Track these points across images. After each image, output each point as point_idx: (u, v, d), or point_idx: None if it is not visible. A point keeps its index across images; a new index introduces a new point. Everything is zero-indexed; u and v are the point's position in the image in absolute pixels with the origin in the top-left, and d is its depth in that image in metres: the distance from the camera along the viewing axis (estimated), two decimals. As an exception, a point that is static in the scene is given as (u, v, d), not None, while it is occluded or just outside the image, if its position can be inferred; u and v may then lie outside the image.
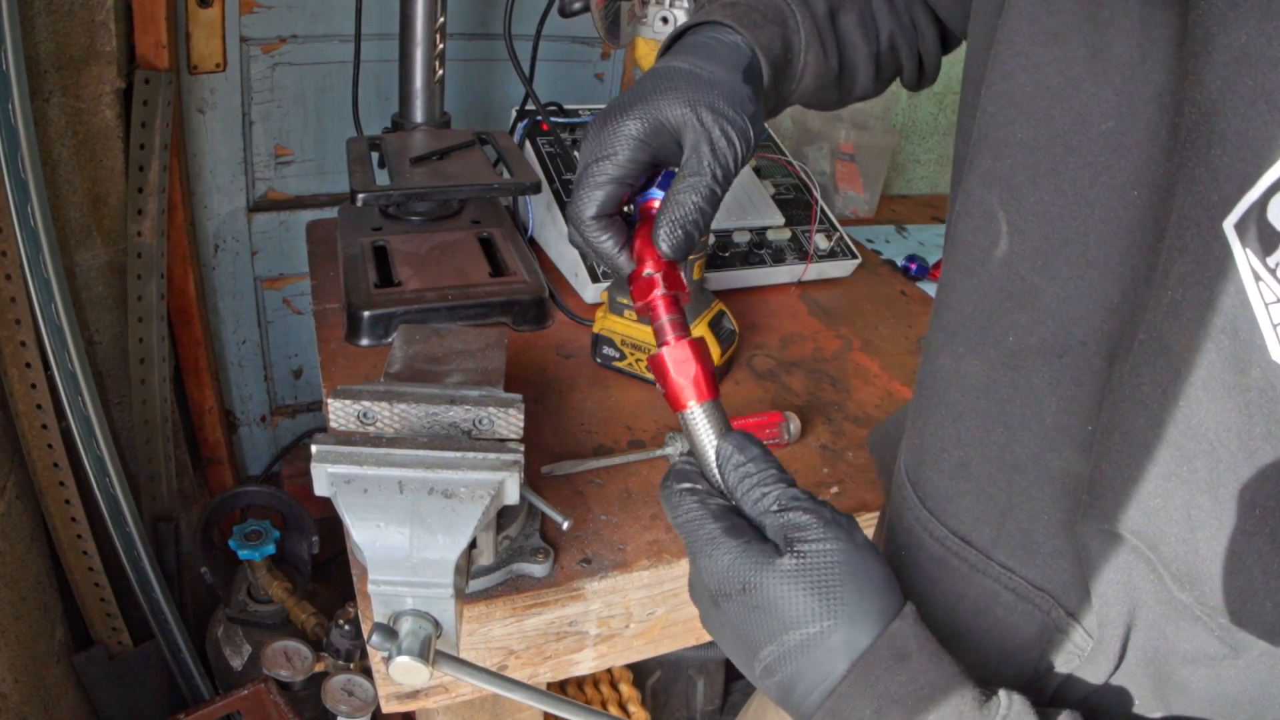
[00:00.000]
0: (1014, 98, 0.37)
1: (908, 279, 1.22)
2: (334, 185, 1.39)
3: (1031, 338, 0.38)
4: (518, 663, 0.62)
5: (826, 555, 0.37)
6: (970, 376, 0.41)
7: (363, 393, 0.53)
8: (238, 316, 1.41)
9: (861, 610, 0.36)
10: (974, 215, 0.40)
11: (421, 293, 0.89)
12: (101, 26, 1.02)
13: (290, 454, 1.55)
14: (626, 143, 0.43)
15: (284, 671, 1.08)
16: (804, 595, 0.36)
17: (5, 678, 0.92)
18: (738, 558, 0.38)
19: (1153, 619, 0.36)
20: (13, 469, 1.02)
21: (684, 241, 0.43)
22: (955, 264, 0.42)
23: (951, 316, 0.42)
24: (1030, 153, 0.36)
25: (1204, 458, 0.31)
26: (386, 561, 0.44)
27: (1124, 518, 0.34)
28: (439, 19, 0.95)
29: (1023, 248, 0.37)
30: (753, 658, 0.39)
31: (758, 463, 0.41)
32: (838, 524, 0.38)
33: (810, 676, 0.37)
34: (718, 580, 0.39)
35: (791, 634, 0.37)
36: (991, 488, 0.41)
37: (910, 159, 1.68)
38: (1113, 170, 0.34)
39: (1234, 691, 0.35)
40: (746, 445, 0.42)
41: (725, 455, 0.42)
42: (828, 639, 0.36)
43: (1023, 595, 0.41)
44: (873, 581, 0.37)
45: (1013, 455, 0.40)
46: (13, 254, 0.94)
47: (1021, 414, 0.39)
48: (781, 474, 0.41)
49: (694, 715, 1.39)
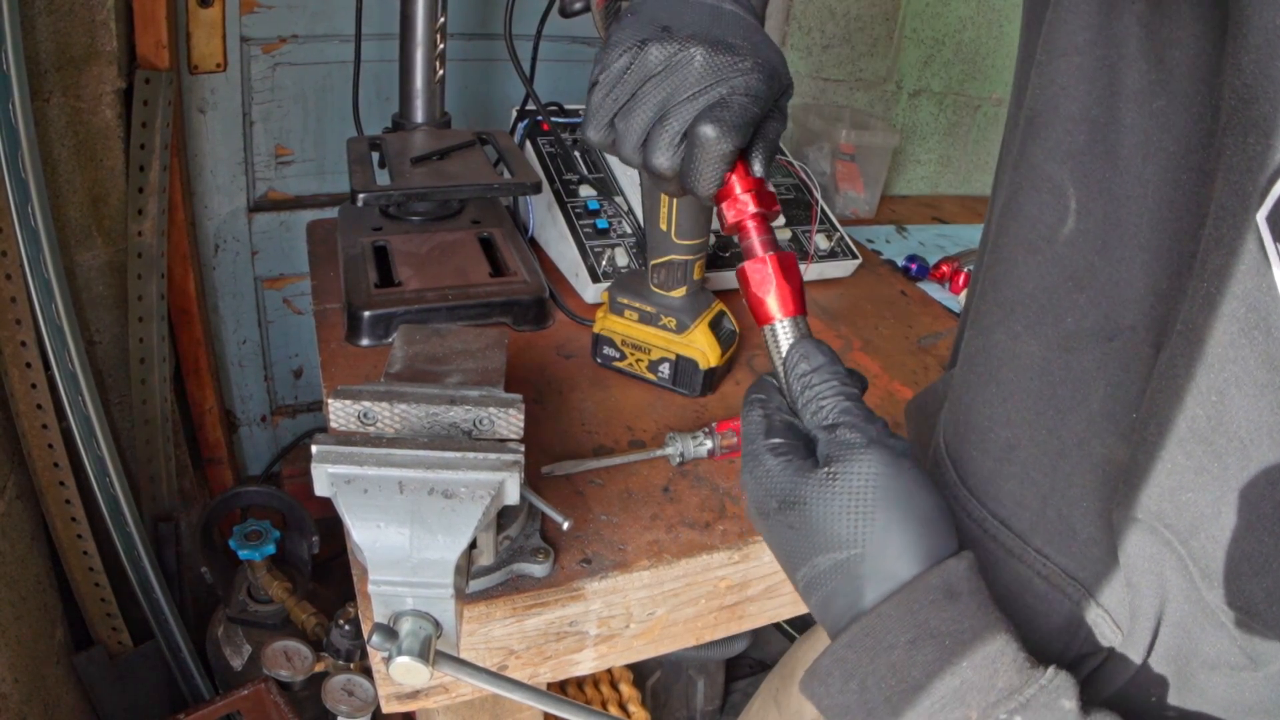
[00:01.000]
0: (1082, 70, 0.36)
1: (908, 279, 1.22)
2: (334, 185, 1.39)
3: (1087, 320, 0.37)
4: (518, 663, 0.62)
5: (862, 478, 0.35)
6: (1025, 356, 0.40)
7: (363, 393, 0.53)
8: (238, 316, 1.41)
9: (897, 539, 0.35)
10: (1041, 190, 0.38)
11: (421, 293, 0.89)
12: (102, 26, 1.02)
13: (290, 454, 1.55)
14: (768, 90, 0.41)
15: (284, 671, 1.08)
16: (835, 518, 0.35)
17: (5, 678, 0.92)
18: (776, 474, 0.38)
19: (1179, 617, 0.36)
20: (13, 469, 1.02)
21: (772, 158, 0.44)
22: (1018, 239, 0.40)
23: (1011, 293, 0.41)
24: (1098, 128, 0.36)
25: (1235, 455, 0.30)
26: (386, 561, 0.44)
27: (1157, 509, 0.34)
28: (439, 19, 0.95)
29: (1087, 226, 0.36)
30: (793, 575, 0.38)
31: (821, 372, 0.40)
32: (883, 445, 0.36)
33: (840, 602, 0.36)
34: (759, 496, 0.38)
35: (821, 557, 0.36)
36: (1035, 471, 0.40)
37: (910, 159, 1.68)
38: (1164, 151, 0.33)
39: (1251, 702, 0.35)
40: (812, 353, 0.41)
41: (791, 364, 0.41)
42: (858, 565, 0.35)
43: (1055, 583, 0.41)
44: (916, 511, 0.35)
45: (1059, 439, 0.39)
46: (13, 254, 0.94)
47: (1071, 397, 0.38)
48: (843, 385, 0.39)
49: (694, 715, 1.39)
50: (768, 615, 0.72)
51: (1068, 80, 0.37)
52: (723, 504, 0.70)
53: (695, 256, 0.80)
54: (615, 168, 1.08)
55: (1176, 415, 0.32)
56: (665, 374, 0.83)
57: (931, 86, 1.61)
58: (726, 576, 0.67)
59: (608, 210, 1.03)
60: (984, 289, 0.44)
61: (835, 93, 1.55)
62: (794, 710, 0.80)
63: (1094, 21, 0.35)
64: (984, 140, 1.71)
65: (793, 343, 0.42)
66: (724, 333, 0.84)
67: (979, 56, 1.61)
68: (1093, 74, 0.35)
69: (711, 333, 0.82)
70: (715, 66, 0.39)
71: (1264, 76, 0.27)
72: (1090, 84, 0.36)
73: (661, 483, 0.71)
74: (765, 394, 0.42)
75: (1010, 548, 0.43)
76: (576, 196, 1.03)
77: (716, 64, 0.39)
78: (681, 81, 0.40)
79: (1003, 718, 0.32)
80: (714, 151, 0.40)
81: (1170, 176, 0.33)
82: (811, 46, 1.47)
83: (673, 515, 0.68)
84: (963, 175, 1.74)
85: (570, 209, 1.01)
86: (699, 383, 0.82)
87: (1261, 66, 0.27)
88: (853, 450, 0.36)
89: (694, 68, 0.39)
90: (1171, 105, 0.33)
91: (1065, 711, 0.32)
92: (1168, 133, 0.33)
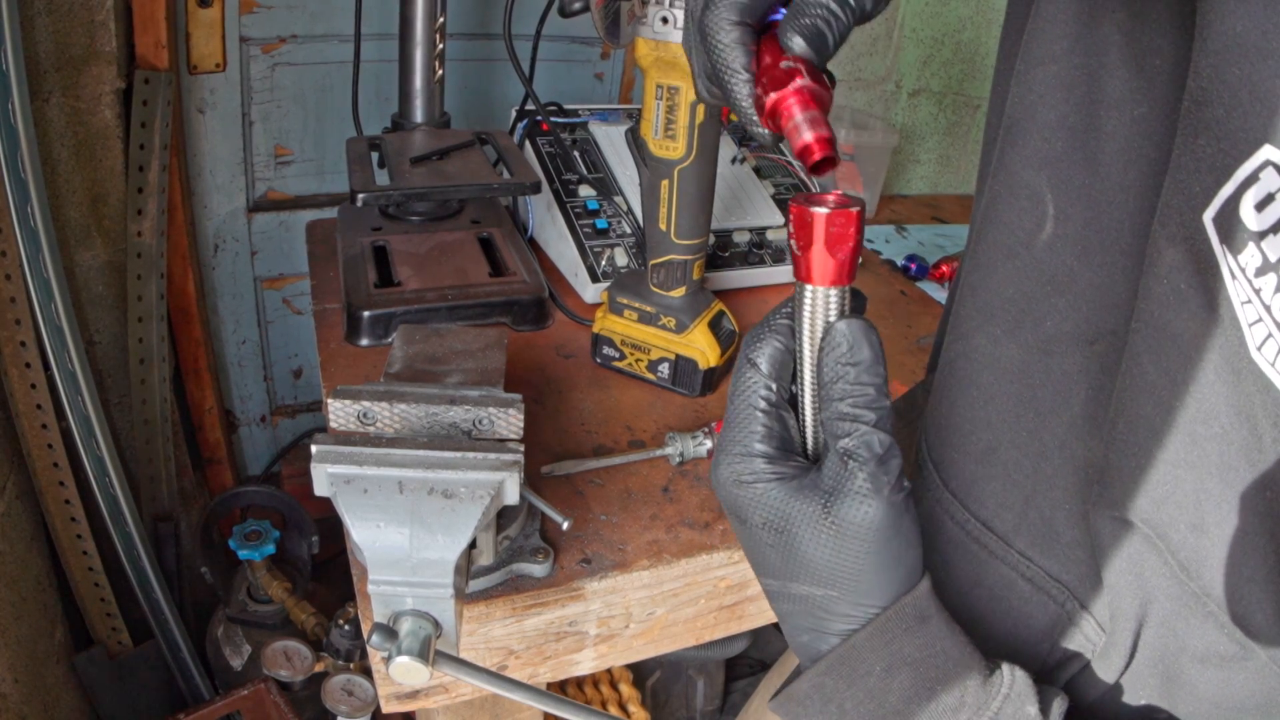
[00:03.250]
0: (1061, 78, 0.36)
1: (907, 279, 1.22)
2: (334, 185, 1.39)
3: (1067, 324, 0.37)
4: (518, 663, 0.62)
5: (860, 531, 0.34)
6: (1004, 360, 0.41)
7: (363, 393, 0.53)
8: (238, 316, 1.41)
9: (875, 581, 0.35)
10: (1019, 197, 0.39)
11: (421, 293, 0.89)
12: (101, 26, 1.02)
13: (290, 454, 1.55)
14: None
15: (284, 671, 1.08)
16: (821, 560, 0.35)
17: (5, 678, 0.92)
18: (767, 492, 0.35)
19: (1164, 615, 0.36)
20: (13, 469, 1.02)
21: (821, 40, 0.33)
22: (996, 245, 0.40)
23: (990, 298, 0.41)
24: (1077, 135, 0.36)
25: (1215, 442, 0.30)
26: (386, 561, 0.44)
27: (1134, 505, 0.34)
28: (439, 19, 0.95)
29: (1066, 231, 0.37)
30: (760, 578, 0.39)
31: (863, 369, 0.34)
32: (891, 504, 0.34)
33: (807, 624, 0.37)
34: (742, 503, 0.36)
35: (796, 585, 0.36)
36: (1018, 474, 0.41)
37: (910, 159, 1.68)
38: (1145, 157, 0.34)
39: (1241, 697, 0.35)
40: (861, 342, 0.34)
41: (834, 342, 0.34)
42: (833, 604, 0.36)
43: (1039, 585, 0.41)
44: (900, 557, 0.35)
45: (1040, 442, 0.40)
46: (13, 254, 0.94)
47: (1052, 400, 0.39)
48: (878, 397, 0.34)
49: (694, 715, 1.39)
50: (768, 615, 0.72)
51: (1045, 89, 0.37)
52: (722, 504, 0.70)
53: (695, 256, 0.80)
54: (615, 167, 1.08)
55: (1149, 409, 0.32)
56: (665, 374, 0.83)
57: (931, 86, 1.62)
58: (726, 576, 0.67)
59: (607, 210, 1.03)
60: (963, 294, 0.44)
61: (835, 92, 1.55)
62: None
63: (1072, 30, 0.35)
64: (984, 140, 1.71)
65: (838, 317, 0.35)
66: (723, 333, 0.84)
67: (978, 56, 1.61)
68: (1070, 82, 0.36)
69: (711, 333, 0.82)
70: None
71: (1219, 80, 0.27)
72: (1068, 92, 0.36)
73: (661, 483, 0.71)
74: (770, 362, 0.36)
75: (993, 550, 0.43)
76: (576, 196, 1.03)
77: None
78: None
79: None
80: (708, 35, 0.34)
81: (1151, 182, 0.33)
82: (811, 46, 1.47)
83: (672, 515, 0.68)
84: (962, 175, 1.75)
85: (570, 209, 1.01)
86: (698, 383, 0.82)
87: (1218, 71, 0.27)
88: (860, 500, 0.33)
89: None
90: (1153, 112, 0.33)
91: (1030, 717, 0.34)
92: (1148, 139, 0.33)
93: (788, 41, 0.33)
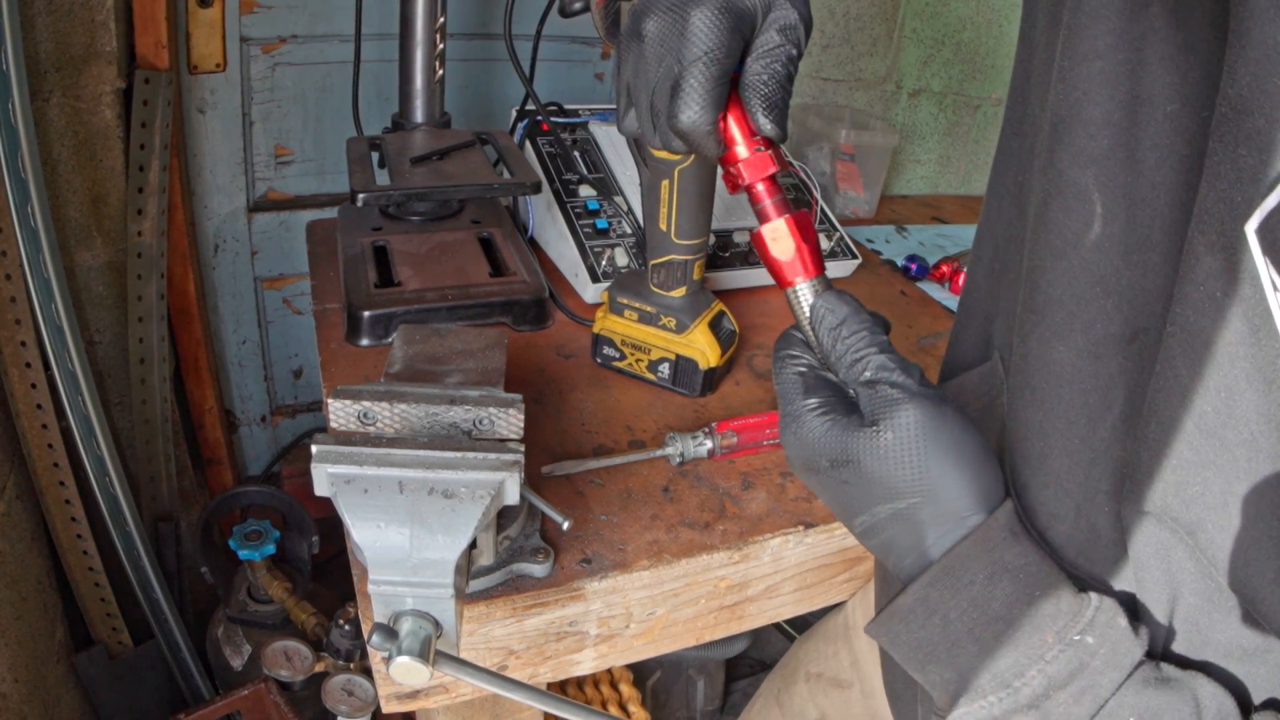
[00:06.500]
0: (1105, 74, 0.36)
1: (908, 279, 1.22)
2: (334, 185, 1.39)
3: (1113, 325, 0.38)
4: (518, 663, 0.62)
5: (910, 430, 0.38)
6: (1055, 363, 0.40)
7: (363, 393, 0.53)
8: (238, 316, 1.41)
9: (953, 483, 0.38)
10: (1067, 196, 0.39)
11: (421, 293, 0.89)
12: (101, 26, 1.02)
13: (290, 454, 1.55)
14: (722, 35, 0.40)
15: (284, 671, 1.08)
16: (890, 472, 0.38)
17: (5, 678, 0.92)
18: (823, 435, 0.40)
19: (1189, 610, 0.36)
20: (13, 469, 1.02)
21: (783, 118, 0.42)
22: (1046, 246, 0.41)
23: (1041, 299, 0.41)
24: (1120, 132, 0.36)
25: (1244, 446, 0.31)
26: (386, 561, 0.44)
27: (1164, 502, 0.35)
28: (439, 19, 0.95)
29: (1112, 231, 0.37)
30: (849, 522, 0.41)
31: (848, 323, 0.41)
32: (924, 396, 0.39)
33: (902, 544, 0.39)
34: (806, 454, 0.40)
35: (881, 507, 0.39)
36: (1069, 482, 0.40)
37: (910, 159, 1.68)
38: (1177, 155, 0.34)
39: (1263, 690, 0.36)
40: (837, 305, 0.42)
41: (818, 318, 0.42)
42: (918, 511, 0.38)
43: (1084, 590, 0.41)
44: (966, 454, 0.38)
45: (1091, 448, 0.39)
46: (13, 254, 0.94)
47: (1100, 404, 0.39)
48: (873, 334, 0.41)
49: (694, 715, 1.39)
50: (768, 615, 0.72)
51: (1090, 85, 0.37)
52: (723, 504, 0.70)
53: (695, 256, 0.80)
54: (615, 167, 1.08)
55: (1182, 411, 0.33)
56: (665, 374, 0.83)
57: (931, 86, 1.62)
58: (726, 576, 0.67)
59: (607, 210, 1.03)
60: (1023, 295, 0.44)
61: (835, 93, 1.55)
62: (796, 710, 0.80)
63: (1116, 26, 0.35)
64: (984, 140, 1.71)
65: (816, 298, 0.43)
66: (724, 333, 0.84)
67: (979, 56, 1.61)
68: (1115, 78, 0.36)
69: (711, 333, 0.82)
70: (664, 41, 0.40)
71: (1260, 90, 0.27)
72: (1112, 88, 0.36)
73: (661, 483, 0.71)
74: (794, 350, 0.43)
75: None
76: (576, 196, 1.03)
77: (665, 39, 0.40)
78: (642, 69, 0.42)
79: (1075, 638, 0.35)
80: (682, 130, 0.41)
81: (1183, 179, 0.34)
82: (811, 46, 1.47)
83: (673, 515, 0.68)
84: (962, 175, 1.75)
85: (570, 209, 1.01)
86: (699, 383, 0.82)
87: (1258, 80, 0.27)
88: (897, 405, 0.38)
89: (648, 54, 0.41)
90: (1185, 110, 0.33)
91: (1121, 628, 0.36)
92: (1180, 136, 0.33)
93: (761, 127, 0.42)
